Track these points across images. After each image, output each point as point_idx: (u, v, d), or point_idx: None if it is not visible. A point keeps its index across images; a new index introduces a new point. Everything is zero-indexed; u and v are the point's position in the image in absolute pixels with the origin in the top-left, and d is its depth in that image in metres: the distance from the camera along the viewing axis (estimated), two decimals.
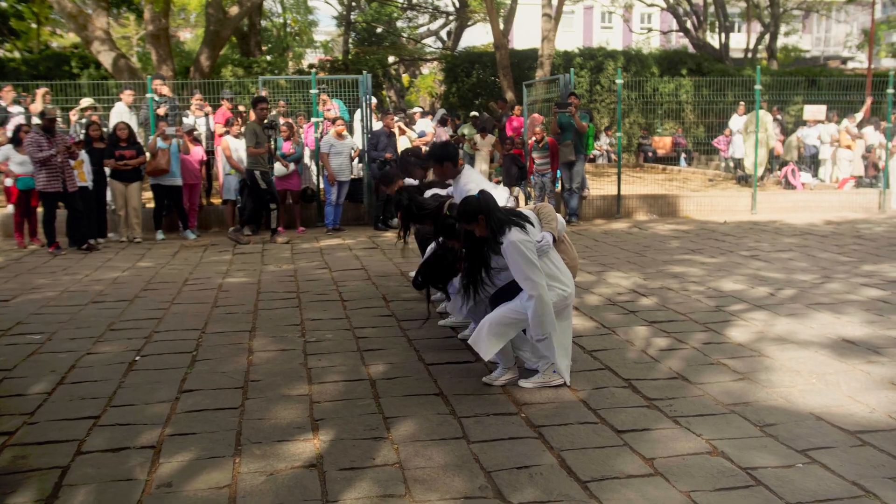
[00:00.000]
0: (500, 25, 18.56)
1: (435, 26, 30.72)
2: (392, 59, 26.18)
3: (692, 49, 25.04)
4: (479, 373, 4.29)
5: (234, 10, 14.46)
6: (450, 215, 4.18)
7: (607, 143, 17.94)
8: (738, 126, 14.59)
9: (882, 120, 12.83)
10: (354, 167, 10.70)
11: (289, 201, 10.27)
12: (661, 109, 18.42)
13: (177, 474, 3.10)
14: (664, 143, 18.09)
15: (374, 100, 11.59)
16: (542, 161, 10.58)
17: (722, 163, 16.13)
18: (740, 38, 31.11)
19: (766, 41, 26.32)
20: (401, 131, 10.88)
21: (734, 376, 4.24)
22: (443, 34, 30.87)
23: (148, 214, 9.74)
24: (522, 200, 10.59)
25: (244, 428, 3.56)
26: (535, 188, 10.80)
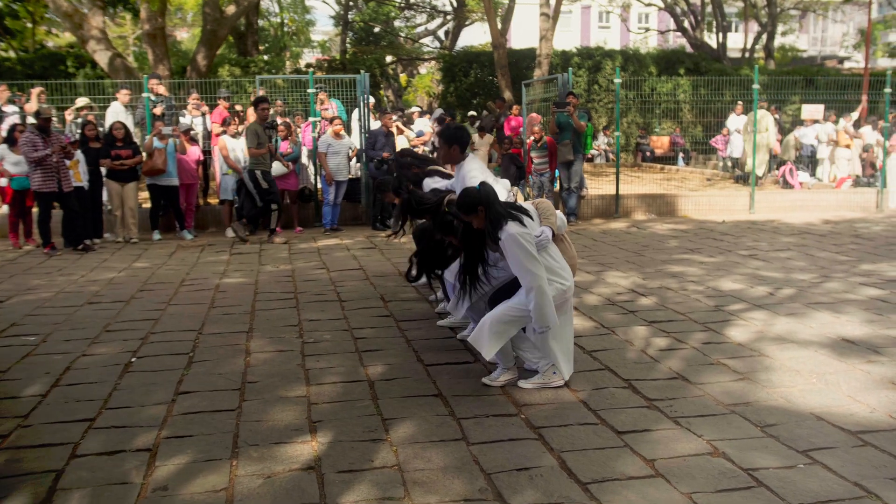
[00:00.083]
0: (498, 25, 18.55)
1: (433, 26, 30.72)
2: (390, 58, 26.16)
3: (690, 49, 25.05)
4: (479, 373, 4.26)
5: (230, 10, 14.41)
6: (449, 211, 4.15)
7: (605, 142, 17.93)
8: (735, 125, 14.59)
9: (879, 119, 12.84)
10: (352, 167, 10.67)
11: (286, 201, 10.24)
12: (658, 109, 18.42)
13: (173, 477, 3.07)
14: (662, 143, 18.09)
15: (371, 99, 11.56)
16: (541, 161, 10.56)
17: (720, 162, 16.13)
18: (738, 37, 31.17)
19: (763, 41, 26.35)
20: (399, 131, 10.85)
21: (734, 376, 4.22)
22: (440, 34, 30.88)
23: (144, 214, 9.70)
24: (521, 200, 10.56)
25: (241, 430, 3.53)
26: (533, 188, 10.78)
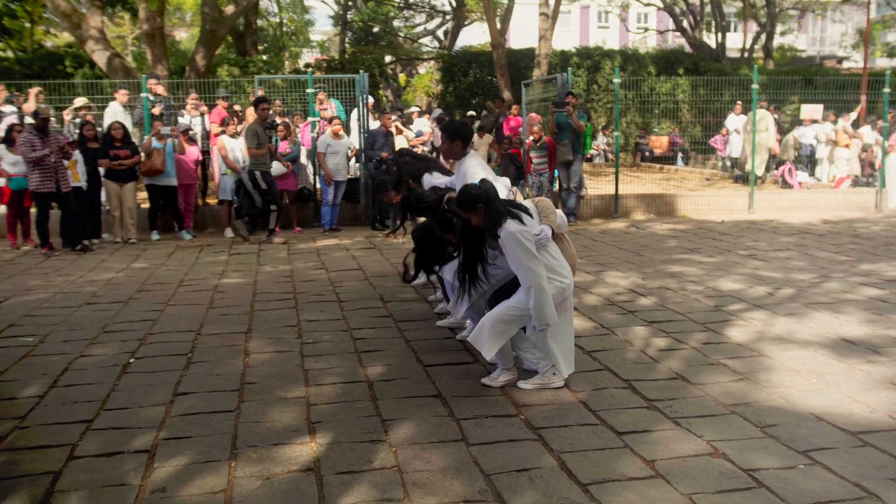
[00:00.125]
0: (497, 25, 18.53)
1: (432, 26, 30.71)
2: (389, 58, 26.13)
3: (689, 48, 25.05)
4: (478, 374, 4.25)
5: (230, 10, 14.40)
6: (449, 209, 4.14)
7: (604, 142, 17.93)
8: (734, 125, 14.59)
9: (878, 119, 12.84)
10: (351, 167, 10.66)
11: (285, 201, 10.22)
12: (657, 109, 18.41)
13: (171, 479, 3.06)
14: (661, 143, 18.08)
15: (370, 99, 11.55)
16: (540, 161, 10.55)
17: (719, 162, 16.12)
18: (737, 37, 31.18)
19: (762, 41, 26.35)
20: (398, 131, 10.84)
21: (734, 376, 4.22)
22: (439, 33, 30.85)
23: (143, 215, 9.68)
24: (520, 200, 10.55)
25: (240, 431, 3.51)
26: (532, 188, 10.77)
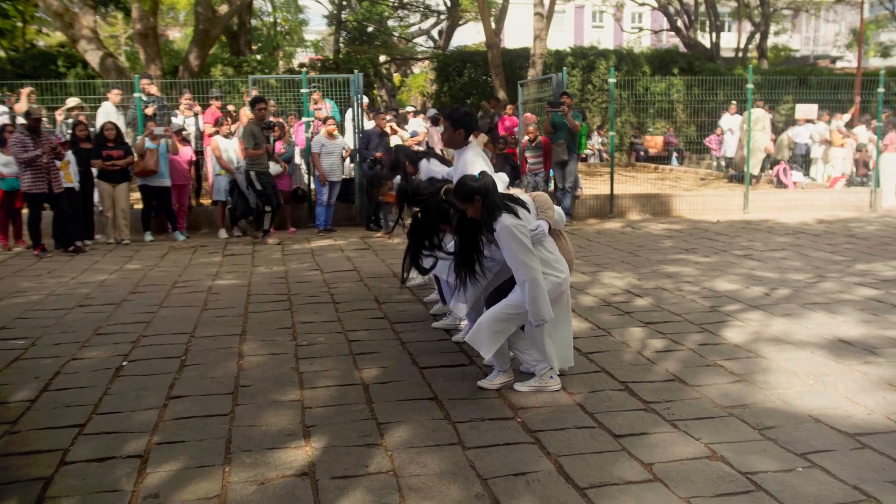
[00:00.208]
0: (492, 24, 18.49)
1: (426, 25, 30.64)
2: (383, 58, 26.08)
3: (683, 48, 25.09)
4: (474, 376, 4.22)
5: (223, 9, 14.32)
6: (446, 200, 4.12)
7: (599, 142, 17.93)
8: (729, 125, 14.60)
9: (873, 119, 12.87)
10: (346, 167, 10.62)
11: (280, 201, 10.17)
12: (652, 108, 18.43)
13: (164, 484, 3.02)
14: (656, 143, 18.10)
15: (365, 99, 11.51)
16: (535, 161, 10.54)
17: (713, 162, 16.15)
18: (731, 37, 31.24)
19: (756, 40, 26.42)
20: (392, 131, 10.80)
21: (731, 378, 4.20)
22: (434, 33, 30.79)
23: (136, 216, 9.62)
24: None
25: (234, 435, 3.48)
26: (527, 188, 10.76)
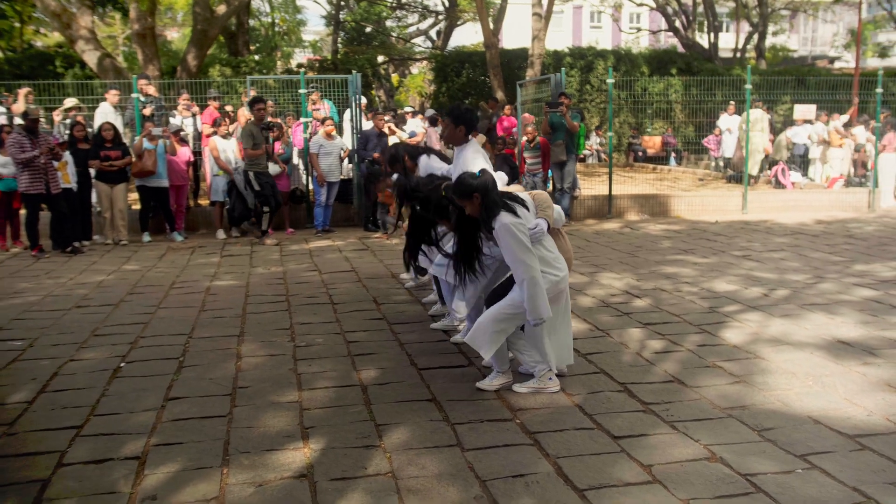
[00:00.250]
0: (490, 25, 18.49)
1: (424, 26, 30.64)
2: (381, 58, 26.07)
3: (681, 49, 25.11)
4: (473, 377, 4.21)
5: (221, 9, 14.31)
6: (445, 196, 4.12)
7: (598, 142, 17.94)
8: (727, 125, 14.61)
9: (871, 119, 12.89)
10: (344, 168, 10.61)
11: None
12: (650, 109, 18.43)
13: (162, 486, 3.01)
14: (654, 143, 18.11)
15: (363, 100, 11.49)
16: (534, 161, 10.53)
17: (712, 162, 16.16)
18: (729, 37, 31.27)
19: (754, 41, 26.45)
20: (391, 131, 10.79)
21: (730, 379, 4.20)
22: (432, 33, 30.80)
23: (134, 216, 9.60)
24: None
25: (232, 437, 3.47)
26: (526, 188, 10.73)
